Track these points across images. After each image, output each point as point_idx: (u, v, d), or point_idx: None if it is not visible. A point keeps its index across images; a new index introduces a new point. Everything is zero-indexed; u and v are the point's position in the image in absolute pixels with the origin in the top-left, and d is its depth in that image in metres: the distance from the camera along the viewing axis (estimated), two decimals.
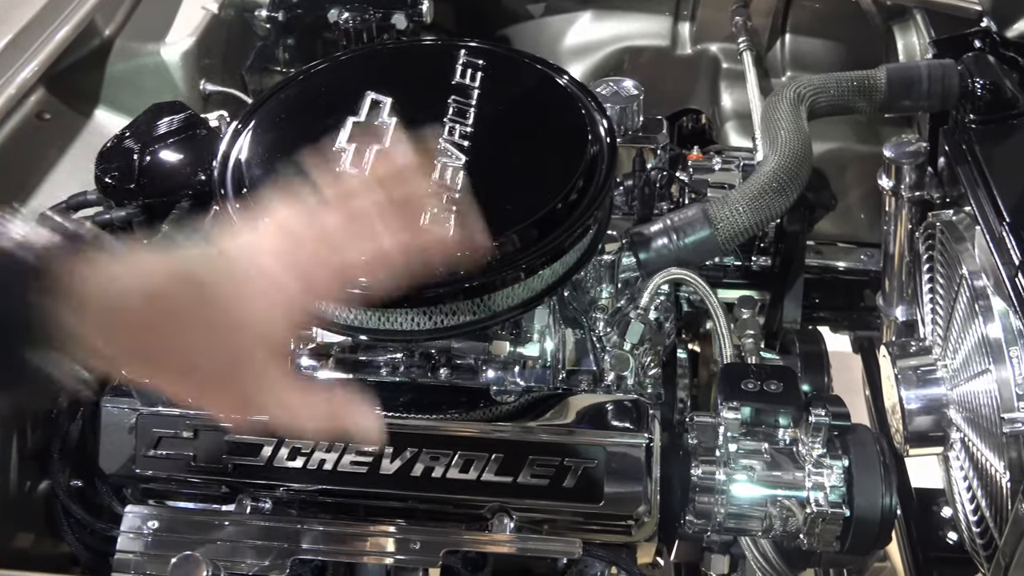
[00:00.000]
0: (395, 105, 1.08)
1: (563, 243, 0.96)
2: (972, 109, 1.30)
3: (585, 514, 0.98)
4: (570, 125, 1.05)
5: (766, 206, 1.15)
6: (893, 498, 1.01)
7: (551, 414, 1.01)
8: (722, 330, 1.17)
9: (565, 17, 1.77)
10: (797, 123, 1.23)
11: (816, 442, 1.03)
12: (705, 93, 1.77)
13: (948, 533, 1.47)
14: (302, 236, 0.73)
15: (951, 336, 1.28)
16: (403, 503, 1.00)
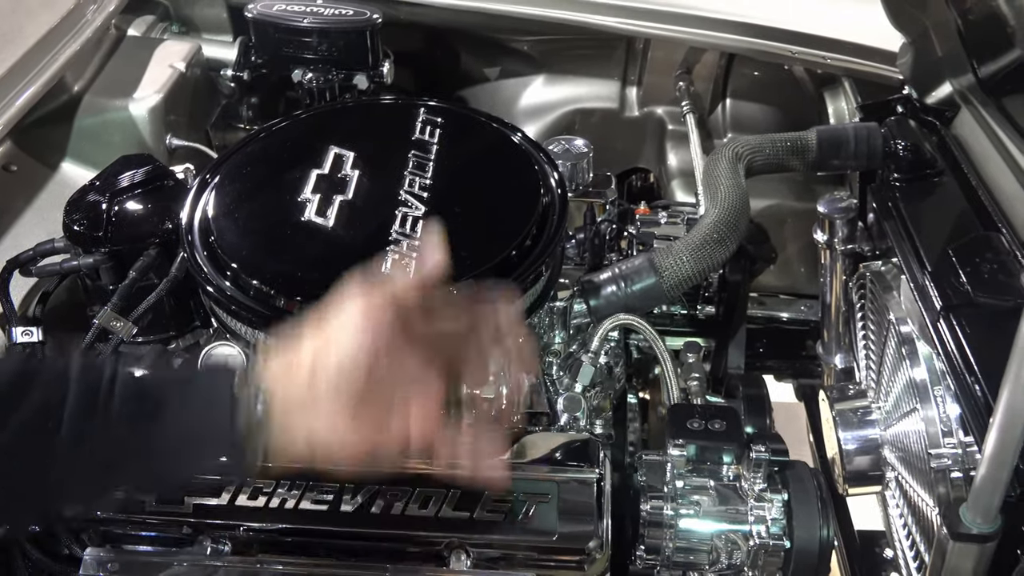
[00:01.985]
0: (357, 159, 1.15)
1: (518, 287, 1.01)
2: (896, 168, 1.40)
3: (539, 548, 1.01)
4: (523, 178, 1.12)
5: (708, 255, 1.22)
6: (830, 529, 1.06)
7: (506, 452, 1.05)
8: (669, 374, 1.23)
9: (519, 80, 1.86)
10: (735, 179, 1.32)
11: (757, 477, 1.09)
12: (652, 153, 1.87)
13: (890, 574, 1.52)
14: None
15: (883, 379, 1.35)
16: (363, 541, 1.02)
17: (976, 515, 0.80)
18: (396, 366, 0.72)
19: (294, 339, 0.74)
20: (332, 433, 0.72)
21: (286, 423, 0.72)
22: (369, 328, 0.71)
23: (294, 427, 0.73)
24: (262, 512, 1.01)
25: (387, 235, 1.03)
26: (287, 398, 0.72)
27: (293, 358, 0.73)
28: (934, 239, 1.27)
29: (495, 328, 0.78)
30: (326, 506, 1.01)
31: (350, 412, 0.71)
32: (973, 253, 1.20)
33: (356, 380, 0.71)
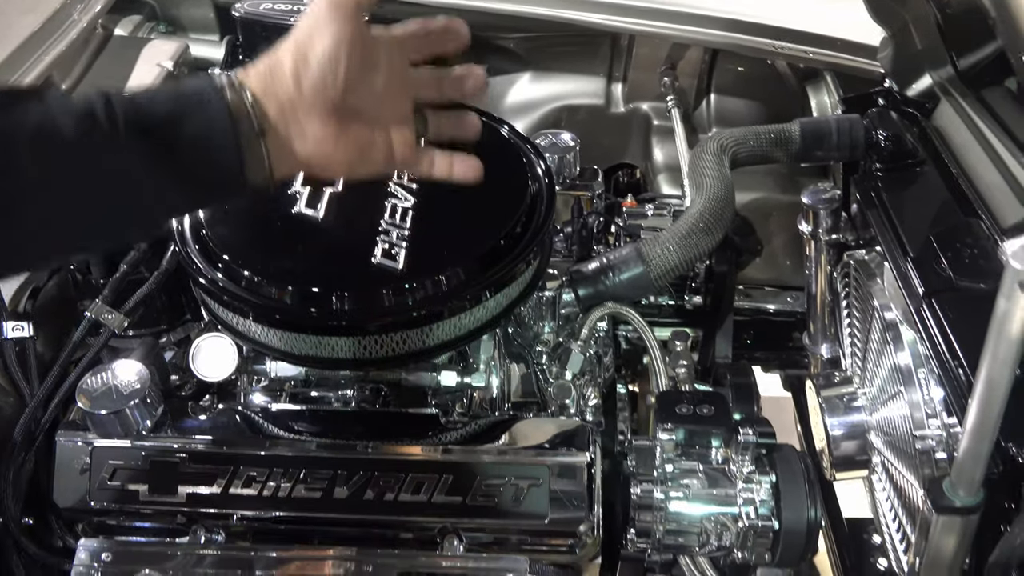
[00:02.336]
0: None
1: (507, 275, 1.03)
2: (878, 159, 1.42)
3: (531, 532, 1.02)
4: (511, 168, 1.13)
5: (694, 245, 1.24)
6: (818, 510, 1.08)
7: (497, 438, 1.07)
8: (657, 361, 1.24)
9: (506, 78, 1.88)
10: (720, 171, 1.33)
11: (745, 460, 1.10)
12: (638, 148, 1.89)
13: (879, 560, 1.54)
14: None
15: (868, 365, 1.37)
16: (356, 528, 1.03)
17: (959, 488, 0.82)
18: (369, 67, 0.79)
19: (269, 53, 0.77)
20: (325, 136, 0.77)
21: (283, 127, 0.76)
22: (338, 18, 0.75)
23: (291, 131, 0.76)
24: (255, 500, 1.02)
25: (377, 225, 1.04)
26: (279, 101, 0.75)
27: (273, 64, 0.76)
28: (916, 227, 1.30)
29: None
30: (319, 493, 1.02)
31: (337, 115, 0.77)
32: (954, 240, 1.22)
33: (337, 71, 0.75)
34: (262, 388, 1.15)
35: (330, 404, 1.13)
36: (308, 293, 0.99)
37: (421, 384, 1.13)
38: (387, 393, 1.14)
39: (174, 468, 1.03)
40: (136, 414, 1.03)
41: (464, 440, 1.06)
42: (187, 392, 1.14)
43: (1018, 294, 0.67)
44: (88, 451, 1.04)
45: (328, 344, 1.01)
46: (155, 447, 1.04)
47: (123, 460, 1.03)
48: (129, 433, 1.04)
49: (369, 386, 1.14)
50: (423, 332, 1.00)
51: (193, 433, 1.06)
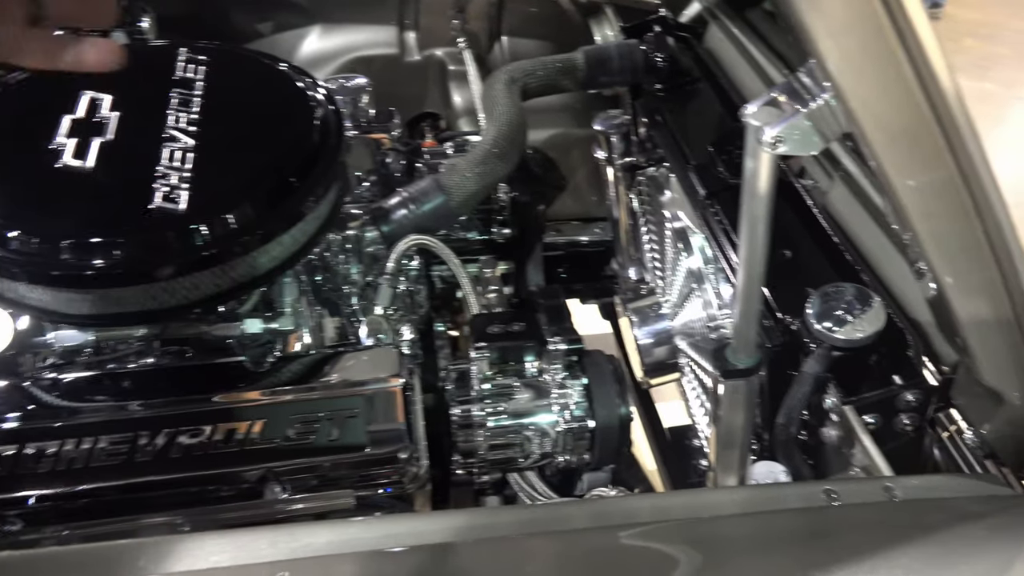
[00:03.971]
0: (116, 100, 1.09)
1: (300, 208, 1.01)
2: (657, 80, 1.50)
3: (351, 463, 1.01)
4: (294, 102, 1.10)
5: (490, 171, 1.26)
6: (628, 405, 1.14)
7: (308, 375, 1.05)
8: (467, 287, 1.26)
9: (294, 33, 1.82)
10: (511, 99, 1.36)
11: (557, 368, 1.14)
12: (438, 96, 1.89)
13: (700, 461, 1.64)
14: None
15: (667, 275, 1.46)
16: (168, 490, 0.98)
17: (738, 352, 0.88)
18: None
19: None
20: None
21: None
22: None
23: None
24: (50, 478, 0.95)
25: (154, 171, 0.99)
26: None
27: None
28: (696, 139, 1.38)
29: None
30: (121, 459, 0.96)
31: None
32: (728, 144, 1.31)
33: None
34: (49, 363, 1.07)
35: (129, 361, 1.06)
36: (84, 245, 0.93)
37: (225, 336, 1.09)
38: (191, 351, 1.09)
39: None
40: None
41: (273, 384, 1.04)
42: None
43: (760, 151, 0.73)
44: None
45: (113, 298, 0.95)
46: None
47: None
48: None
49: (170, 346, 1.08)
50: (215, 274, 0.97)
51: None
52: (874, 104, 0.68)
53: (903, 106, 0.67)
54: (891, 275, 1.08)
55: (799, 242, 1.15)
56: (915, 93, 0.65)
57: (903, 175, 0.74)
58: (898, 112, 0.68)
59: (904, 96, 0.67)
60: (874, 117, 0.69)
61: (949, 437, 0.99)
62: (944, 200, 0.73)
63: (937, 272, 0.80)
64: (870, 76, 0.66)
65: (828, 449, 0.97)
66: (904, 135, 0.71)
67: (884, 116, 0.69)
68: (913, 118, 0.68)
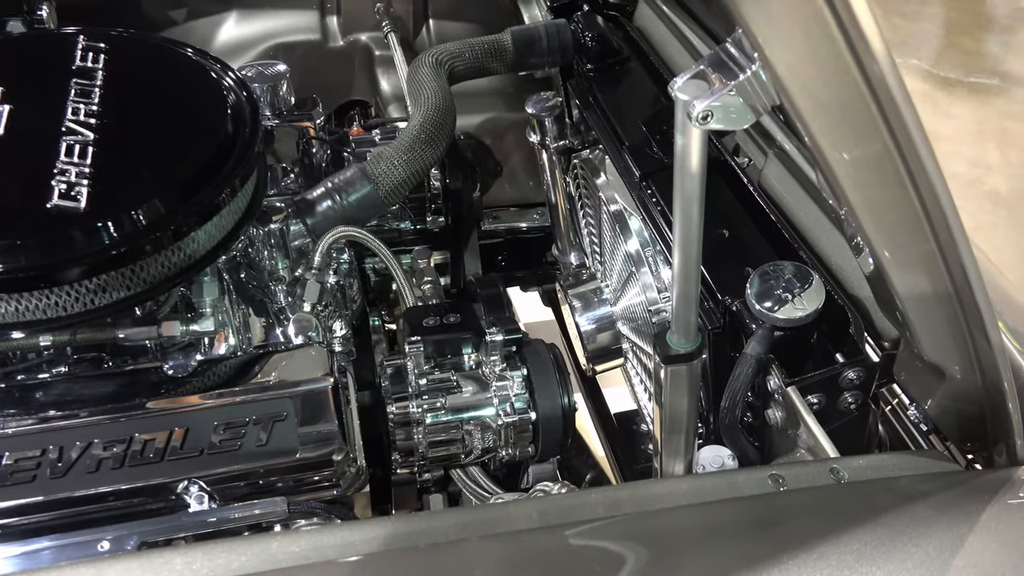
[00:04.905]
0: (7, 93, 1.01)
1: (212, 202, 0.95)
2: (588, 59, 1.47)
3: (283, 468, 0.96)
4: (203, 91, 1.04)
5: (419, 157, 1.21)
6: (570, 395, 1.11)
7: (233, 378, 0.99)
8: (401, 279, 1.22)
9: (210, 20, 1.74)
10: (439, 82, 1.31)
11: (496, 359, 1.11)
12: (364, 82, 1.83)
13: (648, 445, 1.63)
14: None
15: (606, 260, 1.43)
16: (83, 506, 0.92)
17: (679, 336, 0.86)
18: None
19: None
20: None
21: None
22: None
23: None
24: None
25: (51, 167, 0.92)
26: None
27: None
28: (628, 118, 1.35)
29: None
30: (31, 476, 0.90)
31: None
32: (662, 123, 1.28)
33: None
34: None
35: (37, 371, 0.99)
36: None
37: (142, 340, 1.02)
38: (106, 359, 1.02)
39: None
40: None
41: (196, 389, 0.98)
42: None
43: (690, 127, 0.70)
44: None
45: (13, 305, 0.88)
46: None
47: None
48: None
49: (84, 354, 1.02)
50: (123, 276, 0.90)
51: None
52: (803, 73, 0.66)
53: (834, 75, 0.64)
54: (829, 252, 1.06)
55: (735, 221, 1.13)
56: (846, 61, 0.62)
57: (836, 147, 0.71)
58: (829, 81, 0.66)
59: (835, 64, 0.64)
60: (803, 87, 0.67)
61: (892, 412, 0.98)
62: (879, 172, 0.71)
63: (874, 246, 0.78)
64: (798, 42, 0.63)
65: (773, 431, 0.95)
66: (835, 105, 0.68)
67: (813, 85, 0.67)
68: (844, 87, 0.66)
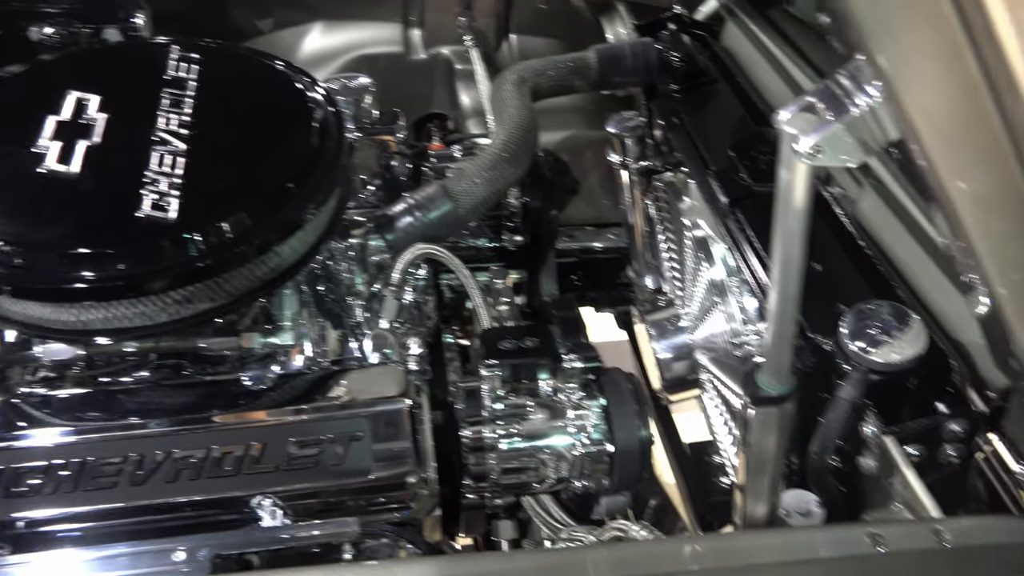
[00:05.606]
0: (104, 102, 1.03)
1: (294, 217, 0.94)
2: (673, 80, 1.44)
3: (357, 490, 0.95)
4: (293, 105, 1.04)
5: (500, 176, 1.20)
6: (648, 428, 1.07)
7: (310, 394, 0.98)
8: (477, 300, 1.20)
9: (296, 30, 1.76)
10: (522, 100, 1.30)
11: (574, 387, 1.08)
12: (444, 95, 1.83)
13: (721, 479, 1.58)
14: None
15: (687, 286, 1.39)
16: (163, 515, 0.92)
17: (770, 377, 0.82)
18: None
19: None
20: None
21: None
22: None
23: None
24: (39, 501, 0.89)
25: (142, 177, 0.93)
26: None
27: None
28: (715, 141, 1.32)
29: None
30: (112, 483, 0.90)
31: None
32: (750, 149, 1.25)
33: None
34: (39, 377, 1.01)
35: (121, 378, 1.00)
36: (69, 257, 0.86)
37: (223, 351, 1.03)
38: (187, 366, 1.03)
39: None
40: None
41: (273, 403, 0.97)
42: None
43: (796, 162, 0.67)
44: None
45: (101, 312, 0.89)
46: None
47: None
48: None
49: (166, 361, 1.02)
50: (209, 288, 0.90)
51: None
52: (934, 108, 0.62)
53: (968, 111, 0.60)
54: (929, 290, 1.01)
55: (828, 254, 1.08)
56: (984, 100, 0.58)
57: (957, 178, 0.67)
58: (960, 117, 0.62)
59: (966, 92, 0.60)
60: (932, 123, 0.63)
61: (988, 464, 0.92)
62: (1004, 201, 0.66)
63: (992, 284, 0.73)
64: (933, 78, 0.59)
65: (865, 479, 0.91)
66: (961, 133, 0.64)
67: (943, 121, 0.63)
68: (973, 115, 0.62)
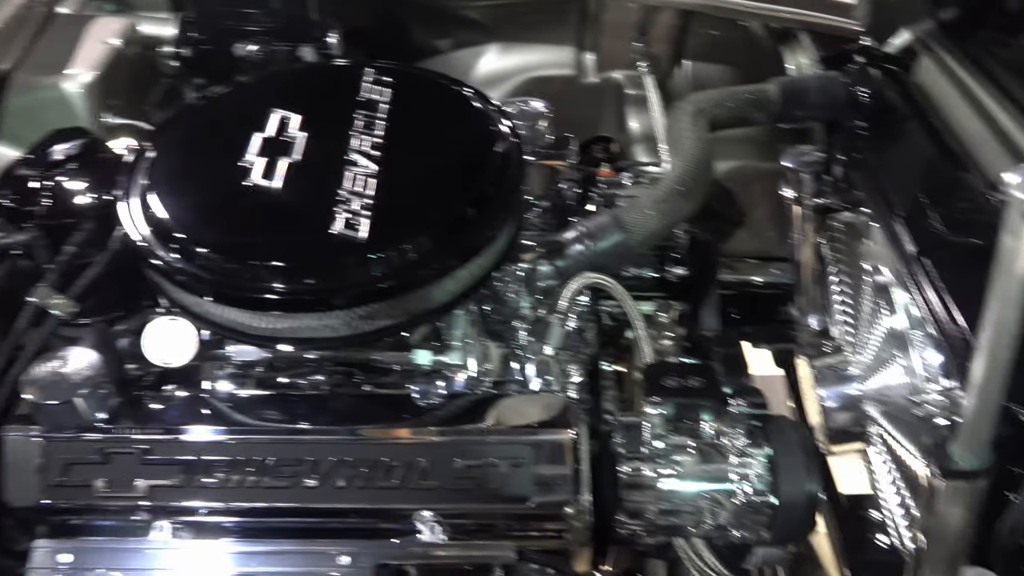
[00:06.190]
0: (303, 121, 1.09)
1: (478, 241, 0.97)
2: (860, 117, 1.37)
3: (515, 516, 0.96)
4: (477, 131, 1.07)
5: (674, 209, 1.18)
6: (816, 483, 1.03)
7: (476, 418, 1.00)
8: (641, 334, 1.19)
9: (473, 50, 1.81)
10: (698, 133, 1.28)
11: (739, 433, 1.05)
12: (613, 119, 1.83)
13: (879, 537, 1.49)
14: None
15: (860, 333, 1.33)
16: (330, 518, 0.97)
17: (966, 450, 0.77)
18: None
19: None
20: None
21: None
22: None
23: None
24: (221, 492, 0.96)
25: (336, 195, 0.98)
26: None
27: None
28: (903, 184, 1.25)
29: None
30: (287, 482, 0.96)
31: None
32: (943, 195, 1.18)
33: None
34: (226, 374, 1.08)
35: (299, 388, 1.06)
36: (266, 268, 0.92)
37: (394, 364, 1.06)
38: (358, 375, 1.07)
39: (133, 461, 0.96)
40: (88, 404, 0.96)
41: (441, 421, 1.00)
42: (148, 381, 1.07)
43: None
44: (39, 446, 0.96)
45: (289, 322, 0.94)
46: (111, 439, 0.97)
47: (77, 454, 0.96)
48: (82, 425, 0.97)
49: (339, 368, 1.07)
50: (391, 306, 0.94)
51: (153, 423, 0.99)
52: None
53: None
54: None
55: None
56: None
57: None
58: None
59: None
60: None
61: None
62: None
63: None
64: None
65: None
66: None
67: None
68: None
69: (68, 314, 1.05)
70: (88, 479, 0.96)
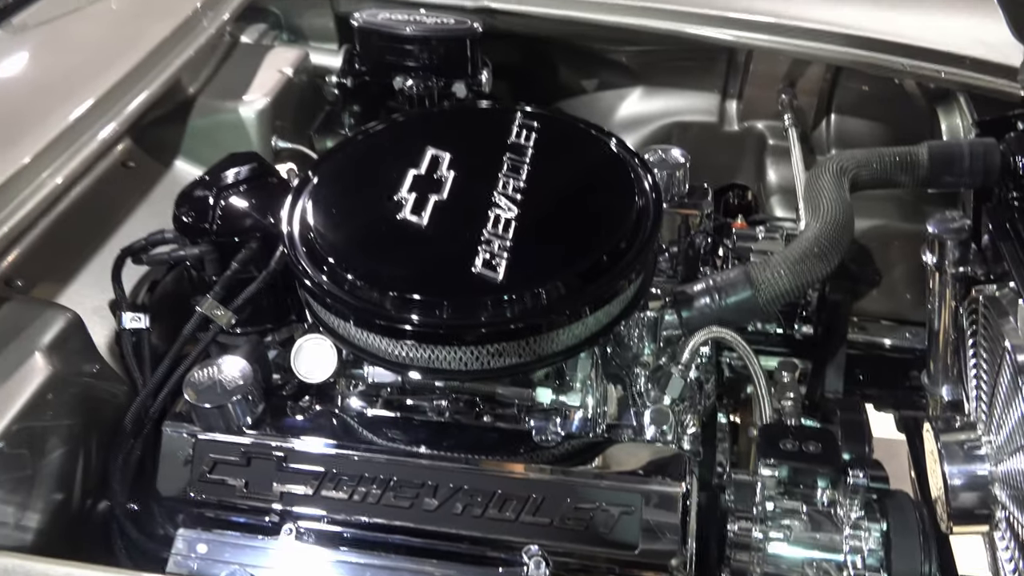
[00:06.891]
0: (453, 160, 1.16)
1: (608, 291, 1.00)
2: (1015, 187, 1.32)
3: (619, 561, 0.98)
4: (618, 182, 1.11)
5: (807, 270, 1.18)
6: (932, 565, 1.00)
7: (590, 460, 1.03)
8: (762, 391, 1.19)
9: (616, 92, 1.84)
10: (839, 193, 1.27)
11: (854, 504, 1.04)
12: (751, 168, 1.82)
13: None
14: None
15: (995, 412, 1.27)
16: (442, 541, 1.02)
17: None
18: None
19: None
20: None
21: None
22: None
23: None
24: (346, 504, 1.03)
25: (478, 236, 1.04)
26: None
27: None
28: None
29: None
30: (408, 503, 1.01)
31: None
32: None
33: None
34: (359, 392, 1.16)
35: (424, 413, 1.12)
36: (407, 300, 0.99)
37: (516, 399, 1.11)
38: (481, 406, 1.13)
39: (270, 466, 1.05)
40: (238, 410, 1.05)
41: (556, 460, 1.04)
42: (288, 391, 1.16)
43: None
44: (191, 443, 1.06)
45: (424, 352, 1.00)
46: (253, 444, 1.05)
47: (223, 454, 1.05)
48: (230, 428, 1.06)
49: (464, 397, 1.13)
50: (520, 346, 0.99)
51: (291, 433, 1.07)
52: None
53: None
54: None
55: None
56: None
57: None
58: None
59: None
60: None
61: None
62: None
63: None
64: None
65: None
66: None
67: None
68: None
69: (228, 325, 1.15)
70: (230, 478, 1.05)
